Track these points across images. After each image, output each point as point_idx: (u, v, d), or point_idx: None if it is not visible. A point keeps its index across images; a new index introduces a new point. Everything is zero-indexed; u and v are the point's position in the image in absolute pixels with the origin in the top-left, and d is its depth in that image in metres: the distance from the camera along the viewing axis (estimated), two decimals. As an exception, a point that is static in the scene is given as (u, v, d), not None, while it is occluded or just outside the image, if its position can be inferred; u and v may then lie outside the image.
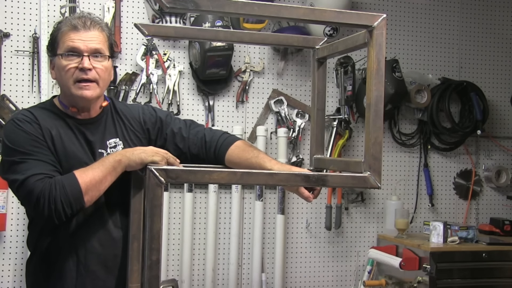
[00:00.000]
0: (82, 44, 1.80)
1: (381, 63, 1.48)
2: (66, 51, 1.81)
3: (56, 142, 1.80)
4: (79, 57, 1.81)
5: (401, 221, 3.53)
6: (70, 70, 1.81)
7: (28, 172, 1.70)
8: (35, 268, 1.88)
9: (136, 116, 1.99)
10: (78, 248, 1.83)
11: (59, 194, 1.67)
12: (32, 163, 1.72)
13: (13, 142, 1.76)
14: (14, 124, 1.80)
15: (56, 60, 1.85)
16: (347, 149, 3.67)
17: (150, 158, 1.69)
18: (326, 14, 1.46)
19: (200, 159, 2.00)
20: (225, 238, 3.45)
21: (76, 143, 1.85)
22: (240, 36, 1.98)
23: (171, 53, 3.35)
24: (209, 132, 2.03)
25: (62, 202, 1.67)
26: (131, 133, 1.96)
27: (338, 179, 1.56)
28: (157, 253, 1.43)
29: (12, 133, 1.78)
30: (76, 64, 1.80)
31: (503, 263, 3.40)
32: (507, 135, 4.04)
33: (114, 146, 1.91)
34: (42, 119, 1.81)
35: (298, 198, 3.59)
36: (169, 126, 2.01)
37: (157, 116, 2.02)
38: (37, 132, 1.79)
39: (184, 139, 1.99)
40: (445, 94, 3.76)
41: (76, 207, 1.70)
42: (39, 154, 1.75)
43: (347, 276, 3.70)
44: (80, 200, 1.69)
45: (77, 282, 1.83)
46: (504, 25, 4.05)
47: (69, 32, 1.82)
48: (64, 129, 1.85)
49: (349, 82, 3.57)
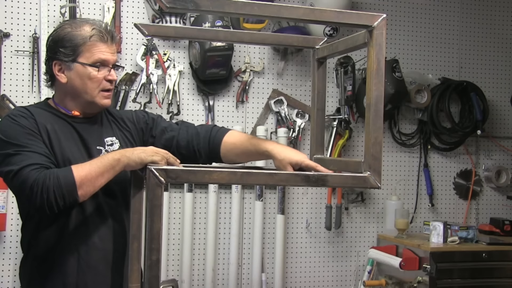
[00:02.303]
0: (110, 57, 1.90)
1: (381, 63, 1.48)
2: (96, 62, 1.88)
3: (51, 137, 1.82)
4: (105, 68, 1.89)
5: (401, 221, 3.53)
6: (98, 80, 1.89)
7: (23, 163, 1.71)
8: (32, 267, 1.88)
9: (129, 117, 2.05)
10: (79, 244, 1.84)
11: (52, 184, 1.66)
12: (27, 155, 1.73)
13: (8, 136, 1.78)
14: (9, 119, 1.82)
15: (78, 67, 1.87)
16: (347, 149, 3.67)
17: (150, 158, 1.69)
18: (326, 14, 1.46)
19: (191, 151, 2.02)
20: (225, 238, 3.45)
21: (71, 140, 1.87)
22: (240, 36, 1.98)
23: (171, 53, 3.35)
24: (200, 126, 2.09)
25: (55, 192, 1.66)
26: (126, 132, 2.01)
27: (338, 179, 1.56)
28: (157, 253, 1.43)
29: (7, 127, 1.80)
30: (103, 75, 1.89)
31: (503, 263, 3.40)
32: (507, 135, 4.04)
33: (111, 144, 1.94)
34: (37, 115, 1.84)
35: (298, 198, 3.63)
36: (159, 125, 2.07)
37: (149, 116, 2.09)
38: (32, 126, 1.80)
39: (174, 130, 2.05)
40: (445, 94, 3.75)
41: (69, 199, 1.69)
42: (33, 146, 1.76)
43: (347, 276, 3.70)
44: (73, 193, 1.68)
45: (79, 278, 1.84)
46: (504, 25, 4.05)
47: (98, 44, 1.88)
48: (59, 125, 1.87)
49: (349, 82, 3.57)
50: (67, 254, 1.84)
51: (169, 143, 2.02)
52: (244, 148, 1.96)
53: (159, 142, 2.02)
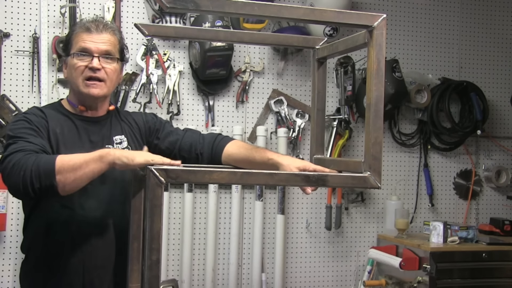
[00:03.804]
0: (93, 45, 1.90)
1: (381, 63, 1.48)
2: (77, 51, 1.91)
3: (59, 141, 1.86)
4: (89, 57, 1.90)
5: (401, 221, 3.53)
6: (79, 69, 1.90)
7: (13, 150, 1.73)
8: (33, 269, 1.89)
9: (139, 117, 2.10)
10: (82, 244, 1.85)
11: (31, 164, 1.65)
12: (21, 144, 1.75)
13: (13, 130, 1.83)
14: (20, 116, 1.89)
15: (69, 59, 1.94)
16: (347, 149, 3.67)
17: (136, 162, 1.62)
18: (326, 14, 1.46)
19: (192, 155, 2.03)
20: (225, 238, 3.45)
21: (79, 141, 1.91)
22: (240, 36, 1.98)
23: (171, 53, 3.35)
24: (207, 133, 2.13)
25: (32, 172, 1.64)
26: (135, 131, 2.05)
27: (338, 179, 1.55)
28: (157, 253, 1.43)
29: (16, 123, 1.86)
30: (86, 63, 1.90)
31: (503, 263, 3.40)
32: (507, 135, 4.04)
33: (120, 142, 1.98)
34: (50, 117, 1.89)
35: (298, 198, 3.63)
36: (166, 128, 2.10)
37: (157, 119, 2.13)
38: (40, 124, 1.84)
39: (179, 134, 2.07)
40: (445, 94, 3.75)
41: (45, 182, 1.65)
42: (31, 138, 1.78)
43: (347, 276, 3.70)
44: (50, 176, 1.64)
45: (84, 279, 1.85)
46: (504, 25, 4.05)
47: (82, 34, 1.92)
48: (69, 127, 1.91)
49: (349, 82, 3.57)
50: (71, 255, 1.85)
51: (172, 146, 2.05)
52: (247, 154, 1.95)
53: (163, 143, 2.06)
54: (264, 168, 1.80)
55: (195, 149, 2.03)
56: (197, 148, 2.03)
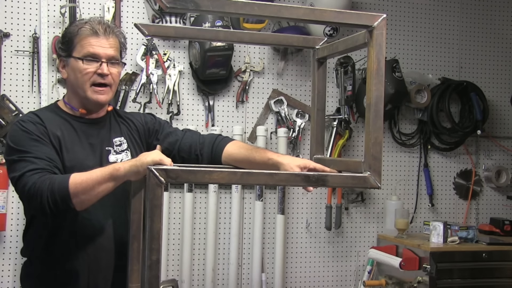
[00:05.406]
0: (102, 50, 1.88)
1: (381, 63, 1.48)
2: (85, 56, 1.88)
3: (61, 143, 1.85)
4: (97, 62, 1.88)
5: (401, 221, 3.53)
6: (88, 74, 1.88)
7: (24, 169, 1.74)
8: (36, 272, 1.89)
9: (137, 119, 2.08)
10: (87, 246, 1.86)
11: (46, 189, 1.68)
12: (30, 160, 1.75)
13: (14, 142, 1.81)
14: (17, 125, 1.85)
15: (72, 61, 1.90)
16: (347, 149, 3.67)
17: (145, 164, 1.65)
18: (326, 14, 1.46)
19: (192, 155, 2.03)
20: (225, 238, 3.45)
21: (80, 143, 1.90)
22: (240, 36, 1.98)
23: (171, 53, 3.35)
24: (207, 134, 2.12)
25: (48, 198, 1.68)
26: (134, 133, 2.04)
27: (338, 179, 1.55)
28: (157, 253, 1.43)
29: (15, 132, 1.84)
30: (94, 69, 1.88)
31: (503, 263, 3.40)
32: (507, 135, 4.03)
33: (119, 145, 1.97)
34: (47, 121, 1.87)
35: (298, 198, 3.63)
36: (165, 129, 2.09)
37: (156, 120, 2.12)
38: (39, 132, 1.82)
39: (178, 135, 2.07)
40: (445, 94, 3.75)
41: (63, 206, 1.70)
42: (37, 151, 1.78)
43: (347, 276, 3.70)
44: (66, 200, 1.69)
45: (90, 281, 1.86)
46: (504, 25, 4.05)
47: (89, 37, 1.88)
48: (68, 130, 1.90)
49: (349, 82, 3.57)
50: (76, 257, 1.85)
51: (172, 146, 2.04)
52: (247, 154, 1.94)
53: (162, 145, 2.05)
54: (264, 168, 1.81)
55: (194, 150, 2.03)
56: (197, 149, 2.03)
